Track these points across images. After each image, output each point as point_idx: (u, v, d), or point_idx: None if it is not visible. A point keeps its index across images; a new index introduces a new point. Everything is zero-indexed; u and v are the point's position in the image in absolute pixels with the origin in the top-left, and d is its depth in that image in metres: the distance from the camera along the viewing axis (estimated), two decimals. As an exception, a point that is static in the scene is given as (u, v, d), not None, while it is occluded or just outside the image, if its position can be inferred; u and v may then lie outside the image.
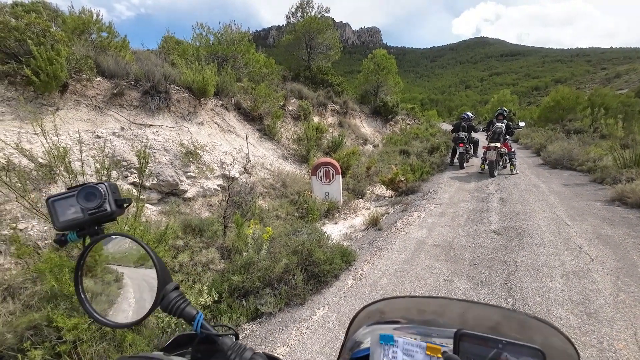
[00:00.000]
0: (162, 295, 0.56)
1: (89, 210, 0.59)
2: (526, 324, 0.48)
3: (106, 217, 0.61)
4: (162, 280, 0.56)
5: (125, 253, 0.69)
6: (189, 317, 0.55)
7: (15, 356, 1.77)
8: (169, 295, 0.56)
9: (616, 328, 2.04)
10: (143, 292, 0.65)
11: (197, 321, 0.55)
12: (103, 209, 0.59)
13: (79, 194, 0.58)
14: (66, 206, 0.59)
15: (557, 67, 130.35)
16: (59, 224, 0.58)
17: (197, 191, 4.71)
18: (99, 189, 0.59)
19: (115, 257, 0.69)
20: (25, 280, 2.51)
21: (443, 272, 3.02)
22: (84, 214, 0.59)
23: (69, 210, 0.59)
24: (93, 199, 0.59)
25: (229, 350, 0.53)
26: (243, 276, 2.64)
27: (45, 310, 2.07)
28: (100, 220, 0.61)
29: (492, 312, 0.51)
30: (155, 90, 5.14)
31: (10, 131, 3.60)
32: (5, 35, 3.58)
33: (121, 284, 0.69)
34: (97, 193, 0.59)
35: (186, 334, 0.61)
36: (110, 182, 0.63)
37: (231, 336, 0.56)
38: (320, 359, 2.01)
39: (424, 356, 0.51)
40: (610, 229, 3.65)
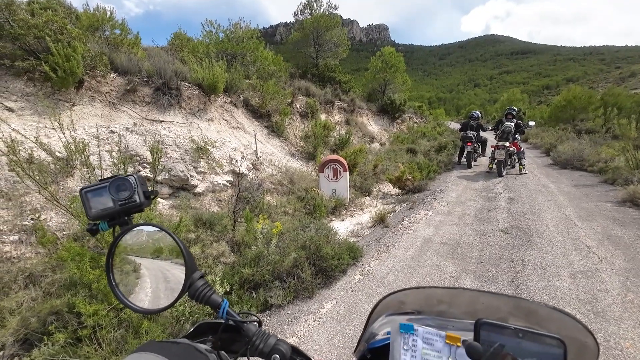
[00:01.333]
0: (189, 282, 0.57)
1: (120, 201, 0.61)
2: (544, 314, 0.49)
3: (135, 207, 0.63)
4: (190, 268, 0.58)
5: (148, 243, 0.71)
6: (215, 304, 0.57)
7: (41, 338, 1.87)
8: (196, 283, 0.57)
9: (623, 327, 2.05)
10: (159, 283, 0.68)
11: (222, 308, 0.56)
12: (133, 200, 0.62)
13: (110, 186, 0.60)
14: (98, 197, 0.61)
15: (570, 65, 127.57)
16: (92, 213, 0.60)
17: (207, 186, 4.80)
18: (129, 180, 0.62)
19: (137, 247, 0.71)
20: (45, 269, 2.62)
21: (450, 269, 3.04)
22: (114, 205, 0.61)
23: (101, 200, 0.61)
24: (124, 191, 0.61)
25: (254, 336, 0.54)
26: (253, 269, 2.71)
27: (66, 297, 2.17)
28: (129, 211, 0.63)
29: (506, 301, 0.52)
30: (166, 87, 5.23)
31: (29, 126, 3.72)
32: (25, 32, 3.70)
33: (139, 275, 0.70)
34: (127, 185, 0.61)
35: (208, 322, 0.62)
36: (139, 174, 0.65)
37: (255, 323, 0.57)
38: (328, 350, 2.07)
39: (443, 345, 0.51)
40: (621, 230, 3.62)
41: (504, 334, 0.43)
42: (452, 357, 0.49)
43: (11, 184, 3.25)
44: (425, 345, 0.52)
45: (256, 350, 0.53)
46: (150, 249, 0.70)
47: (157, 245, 0.68)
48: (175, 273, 0.64)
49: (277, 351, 0.52)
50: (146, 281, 0.69)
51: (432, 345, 0.51)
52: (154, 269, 0.69)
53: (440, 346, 0.51)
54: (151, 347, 0.47)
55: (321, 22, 13.80)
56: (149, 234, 0.67)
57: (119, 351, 1.89)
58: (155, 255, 0.69)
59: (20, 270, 2.56)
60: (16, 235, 2.89)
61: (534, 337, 0.42)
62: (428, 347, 0.52)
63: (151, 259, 0.69)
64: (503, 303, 0.53)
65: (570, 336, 0.44)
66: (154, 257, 0.69)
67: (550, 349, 0.41)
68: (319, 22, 13.78)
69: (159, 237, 0.67)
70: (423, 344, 0.52)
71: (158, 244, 0.68)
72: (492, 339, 0.43)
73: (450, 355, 0.49)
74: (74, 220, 3.11)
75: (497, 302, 0.53)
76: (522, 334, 0.42)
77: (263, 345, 0.53)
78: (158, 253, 0.68)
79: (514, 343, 0.42)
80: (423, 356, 0.52)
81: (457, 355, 0.49)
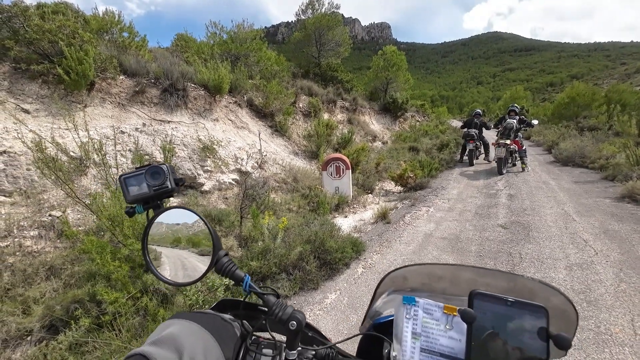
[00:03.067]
0: (215, 259, 0.61)
1: (154, 186, 0.65)
2: (531, 286, 0.55)
3: (167, 193, 0.67)
4: (217, 246, 0.62)
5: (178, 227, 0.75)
6: (239, 278, 0.61)
7: (66, 324, 2.01)
8: (222, 260, 0.62)
9: (614, 314, 2.15)
10: (177, 270, 0.72)
11: (245, 282, 0.60)
12: (165, 186, 0.66)
13: (146, 173, 0.65)
14: (135, 183, 0.65)
15: (574, 62, 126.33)
16: (129, 197, 0.65)
17: (213, 184, 4.94)
18: (163, 169, 0.66)
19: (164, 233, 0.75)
20: (65, 262, 2.77)
21: (449, 262, 3.15)
22: (149, 190, 0.65)
23: (137, 186, 0.65)
24: (157, 177, 0.65)
25: (273, 305, 0.58)
26: (260, 262, 2.84)
27: (86, 287, 2.31)
28: (162, 196, 0.67)
29: (501, 277, 0.58)
30: (173, 88, 5.38)
31: (45, 127, 3.88)
32: (39, 37, 3.85)
33: (159, 262, 0.73)
34: (161, 172, 0.65)
35: (229, 299, 0.67)
36: (170, 164, 0.71)
37: (273, 295, 0.61)
38: (333, 337, 2.19)
39: (441, 314, 0.57)
40: (618, 225, 3.71)
41: (494, 302, 0.48)
42: (449, 324, 0.56)
43: (29, 182, 3.41)
44: (425, 314, 0.58)
45: (275, 318, 0.57)
46: (172, 237, 0.74)
47: (177, 231, 0.73)
48: (193, 261, 0.70)
49: (294, 319, 0.56)
50: (165, 268, 0.73)
51: (431, 315, 0.57)
52: (172, 256, 0.73)
53: (439, 315, 0.57)
54: (183, 315, 0.52)
55: (323, 22, 13.90)
56: (179, 218, 0.71)
57: (138, 336, 2.02)
58: (175, 245, 0.74)
59: (41, 263, 2.72)
60: (36, 230, 3.05)
61: (521, 305, 0.47)
62: (428, 316, 0.57)
63: (170, 248, 0.74)
64: (498, 278, 0.58)
65: (553, 305, 0.50)
66: (173, 247, 0.74)
67: (535, 315, 0.46)
68: (321, 21, 13.88)
69: (187, 221, 0.71)
70: (423, 314, 0.58)
71: (179, 231, 0.73)
72: (483, 307, 0.48)
73: (447, 323, 0.56)
74: (89, 216, 3.27)
75: (493, 277, 0.59)
76: (510, 302, 0.47)
77: (282, 313, 0.57)
78: (178, 242, 0.73)
79: (504, 310, 0.47)
80: (423, 324, 0.58)
81: (453, 322, 0.55)
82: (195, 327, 0.49)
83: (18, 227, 2.98)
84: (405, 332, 0.58)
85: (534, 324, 0.46)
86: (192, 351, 0.44)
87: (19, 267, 2.61)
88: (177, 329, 0.47)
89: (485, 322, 0.47)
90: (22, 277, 2.55)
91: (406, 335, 0.58)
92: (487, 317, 0.47)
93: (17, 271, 2.58)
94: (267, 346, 0.59)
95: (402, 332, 0.59)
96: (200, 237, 0.71)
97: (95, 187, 3.68)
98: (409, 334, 0.58)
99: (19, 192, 3.32)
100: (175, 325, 0.48)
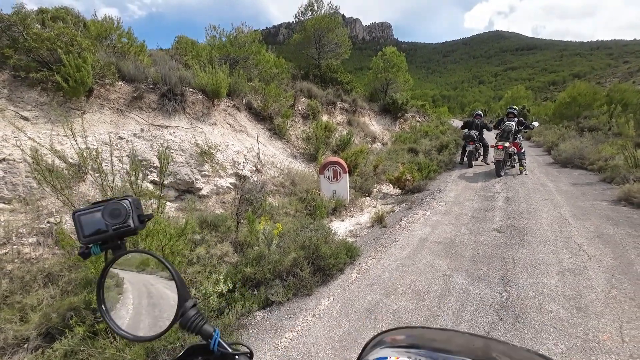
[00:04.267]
0: (181, 311, 0.57)
1: (113, 225, 0.61)
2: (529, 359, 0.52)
3: (129, 232, 0.62)
4: (182, 296, 0.57)
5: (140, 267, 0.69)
6: (207, 335, 0.57)
7: (61, 332, 2.05)
8: (188, 313, 0.57)
9: (603, 321, 2.16)
10: (142, 299, 0.67)
11: (214, 339, 0.57)
12: (127, 224, 0.62)
13: (104, 210, 0.60)
14: (91, 220, 0.60)
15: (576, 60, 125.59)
16: (84, 237, 0.60)
17: (211, 189, 4.98)
18: (124, 205, 0.61)
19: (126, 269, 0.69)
20: (62, 269, 2.82)
21: (443, 268, 3.17)
22: (108, 229, 0.60)
23: (94, 224, 0.60)
24: (117, 215, 0.61)
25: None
26: (255, 268, 2.87)
27: (82, 295, 2.35)
28: (123, 235, 0.62)
29: (501, 347, 0.56)
30: (171, 93, 5.43)
31: (44, 134, 3.93)
32: (38, 45, 3.90)
33: (121, 290, 0.68)
34: (121, 209, 0.61)
35: (198, 344, 0.61)
36: (134, 197, 0.65)
37: (246, 355, 0.58)
38: (324, 343, 2.22)
39: None
40: (613, 229, 3.71)
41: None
42: None
43: (28, 189, 3.46)
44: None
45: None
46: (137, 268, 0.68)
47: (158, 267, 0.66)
48: (160, 289, 0.65)
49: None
50: (128, 297, 0.67)
51: None
52: (137, 283, 0.68)
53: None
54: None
55: (322, 24, 13.92)
56: (147, 256, 0.66)
57: (132, 344, 2.06)
58: (141, 269, 0.68)
59: (39, 270, 2.76)
60: (34, 237, 3.10)
61: None
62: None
63: (136, 273, 0.68)
64: (495, 346, 0.56)
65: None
66: (139, 271, 0.68)
67: None
68: (321, 23, 13.90)
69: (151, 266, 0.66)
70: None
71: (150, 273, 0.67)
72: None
73: None
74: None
75: (490, 345, 0.57)
76: None
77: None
78: (144, 267, 0.68)
79: None
80: None
81: None
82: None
83: (17, 234, 3.03)
84: None
85: None
86: None
87: (17, 274, 2.65)
88: None
89: None
90: (20, 284, 2.60)
91: None
92: None
93: (16, 278, 2.62)
94: None
95: None
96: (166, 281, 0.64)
97: (94, 193, 3.73)
98: None
99: (17, 199, 3.37)
100: None
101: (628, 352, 1.88)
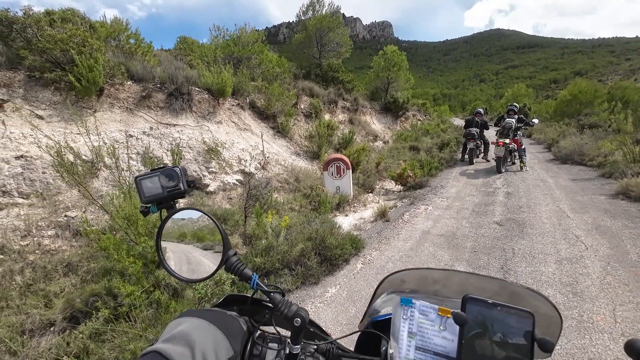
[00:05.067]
0: (225, 258, 0.64)
1: (168, 188, 0.68)
2: (520, 293, 0.59)
3: (180, 194, 0.70)
4: (226, 246, 0.65)
5: (190, 226, 0.78)
6: (247, 277, 0.64)
7: (86, 315, 2.19)
8: (231, 259, 0.65)
9: (597, 304, 2.28)
10: (182, 265, 0.75)
11: (253, 280, 0.63)
12: (178, 187, 0.69)
13: (161, 174, 0.68)
14: (150, 184, 0.68)
15: (578, 58, 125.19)
16: (145, 198, 0.68)
17: (218, 185, 5.12)
18: (176, 171, 0.69)
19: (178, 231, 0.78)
20: (81, 259, 2.96)
21: (445, 258, 3.29)
22: (163, 191, 0.68)
23: (152, 187, 0.69)
24: (171, 179, 0.68)
25: (279, 303, 0.61)
26: (264, 258, 3.00)
27: (103, 282, 2.49)
28: (175, 197, 0.70)
29: (492, 283, 0.62)
30: (178, 92, 5.56)
31: (57, 131, 4.07)
32: (52, 46, 4.04)
33: (168, 258, 0.75)
34: (174, 174, 0.68)
35: (235, 294, 0.69)
36: (182, 166, 0.78)
37: (279, 293, 0.64)
38: (332, 326, 2.35)
39: (436, 316, 0.60)
40: (610, 221, 3.82)
41: (485, 307, 0.52)
42: (442, 325, 0.59)
43: (45, 184, 3.60)
44: (421, 316, 0.61)
45: (281, 315, 0.60)
46: (189, 233, 0.78)
47: (197, 229, 0.76)
48: (205, 259, 0.73)
49: (299, 316, 0.59)
50: (170, 263, 0.74)
51: (427, 316, 0.61)
52: (178, 252, 0.76)
53: (434, 317, 0.60)
54: (192, 313, 0.55)
55: (324, 23, 14.04)
56: (190, 219, 0.75)
57: (152, 326, 2.19)
58: (190, 242, 0.77)
59: (60, 260, 2.90)
60: (53, 230, 3.24)
61: (509, 310, 0.51)
62: (423, 317, 0.61)
63: (176, 243, 0.76)
64: (489, 284, 0.62)
65: (540, 311, 0.53)
66: (179, 242, 0.76)
67: (523, 319, 0.50)
68: (322, 23, 14.02)
69: (199, 221, 0.75)
70: (419, 315, 0.61)
71: (198, 228, 0.76)
72: (475, 311, 0.52)
73: (441, 324, 0.60)
74: (102, 216, 3.45)
75: (484, 283, 0.62)
76: (500, 307, 0.51)
77: (287, 310, 0.60)
78: (195, 239, 0.77)
79: (493, 314, 0.51)
80: (419, 324, 0.61)
81: (447, 323, 0.59)
82: (204, 323, 0.52)
83: (36, 227, 3.17)
84: (402, 331, 0.62)
85: (521, 327, 0.50)
86: (203, 346, 0.47)
87: (40, 264, 2.79)
88: (188, 326, 0.50)
89: (476, 324, 0.51)
90: (42, 273, 2.74)
91: (402, 334, 0.62)
92: (478, 320, 0.51)
93: (38, 268, 2.76)
94: (273, 340, 0.63)
95: (399, 331, 0.62)
96: (208, 236, 0.74)
97: (107, 188, 3.86)
98: (405, 333, 0.61)
99: (35, 194, 3.51)
100: (185, 323, 0.51)
101: (620, 331, 1.99)
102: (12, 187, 3.38)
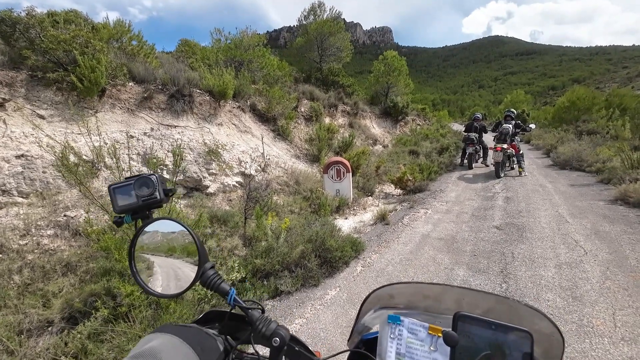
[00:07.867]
0: (201, 271, 0.62)
1: (142, 197, 0.67)
2: (517, 309, 0.54)
3: (156, 203, 0.69)
4: (202, 258, 0.62)
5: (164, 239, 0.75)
6: (224, 292, 0.61)
7: (84, 315, 2.17)
8: (207, 272, 0.62)
9: (597, 309, 2.28)
10: (170, 280, 0.72)
11: (230, 295, 0.60)
12: (154, 196, 0.68)
13: (135, 183, 0.66)
14: (124, 193, 0.67)
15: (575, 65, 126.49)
16: (118, 207, 0.67)
17: (218, 187, 5.12)
18: (152, 179, 0.67)
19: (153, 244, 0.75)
20: (80, 259, 2.94)
21: (445, 262, 3.29)
22: (138, 200, 0.67)
23: (126, 196, 0.67)
24: (146, 188, 0.67)
25: (257, 321, 0.58)
26: (264, 260, 2.99)
27: (102, 282, 2.48)
28: (150, 206, 0.69)
29: (487, 298, 0.57)
30: (180, 94, 5.58)
31: (59, 131, 4.07)
32: (55, 46, 4.06)
33: (152, 272, 0.74)
34: (149, 183, 0.67)
35: (216, 310, 0.66)
36: (159, 174, 0.71)
37: (259, 310, 0.62)
38: (332, 329, 2.34)
39: (426, 335, 0.56)
40: (609, 226, 3.83)
41: (479, 325, 0.48)
42: (433, 346, 0.55)
43: (45, 184, 3.59)
44: (410, 334, 0.57)
45: (259, 334, 0.57)
46: (165, 247, 0.74)
47: (171, 241, 0.73)
48: (186, 271, 0.69)
49: (277, 335, 0.56)
50: (157, 278, 0.73)
51: (416, 335, 0.57)
52: (166, 266, 0.73)
53: (424, 336, 0.56)
54: (166, 329, 0.53)
55: (325, 28, 14.15)
56: (164, 231, 0.72)
57: (150, 326, 2.18)
58: (169, 254, 0.73)
59: (58, 260, 2.88)
60: (52, 230, 3.22)
61: (505, 329, 0.46)
62: (412, 336, 0.57)
63: (164, 257, 0.73)
64: (484, 300, 0.57)
65: (539, 329, 0.49)
66: (167, 256, 0.73)
67: (520, 339, 0.46)
68: (323, 27, 14.14)
69: (174, 233, 0.72)
70: (408, 334, 0.57)
71: (173, 240, 0.73)
72: (468, 330, 0.48)
73: (432, 344, 0.55)
74: (101, 216, 3.44)
75: (479, 299, 0.58)
76: (495, 326, 0.47)
77: (265, 329, 0.57)
78: (171, 251, 0.73)
79: (488, 334, 0.47)
80: (408, 344, 0.57)
81: (437, 344, 0.55)
82: (176, 340, 0.50)
83: (35, 227, 3.16)
84: (389, 351, 0.58)
85: (518, 348, 0.45)
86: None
87: (38, 263, 2.78)
88: (158, 342, 0.48)
89: (468, 345, 0.47)
90: (41, 273, 2.72)
91: (390, 356, 0.58)
92: (471, 340, 0.47)
93: (36, 267, 2.75)
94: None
95: (386, 352, 0.58)
96: (187, 247, 0.71)
97: (107, 188, 3.85)
98: (393, 354, 0.58)
99: (35, 193, 3.50)
100: (157, 339, 0.49)
101: (620, 336, 1.99)
102: (12, 186, 3.38)
